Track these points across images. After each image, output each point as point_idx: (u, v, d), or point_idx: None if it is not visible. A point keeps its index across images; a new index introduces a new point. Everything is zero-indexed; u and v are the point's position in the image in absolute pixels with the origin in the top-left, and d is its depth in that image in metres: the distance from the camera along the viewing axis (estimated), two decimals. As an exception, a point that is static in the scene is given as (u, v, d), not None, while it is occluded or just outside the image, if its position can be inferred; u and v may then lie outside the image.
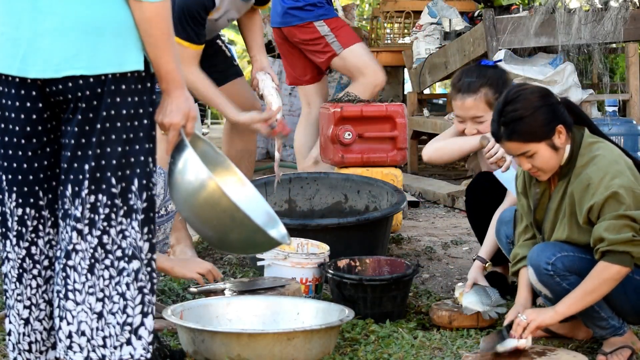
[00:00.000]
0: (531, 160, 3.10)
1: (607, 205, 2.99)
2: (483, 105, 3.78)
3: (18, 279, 2.53)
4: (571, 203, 3.10)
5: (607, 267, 2.99)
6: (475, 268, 3.68)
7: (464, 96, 3.79)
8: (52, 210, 2.53)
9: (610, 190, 2.98)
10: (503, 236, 3.60)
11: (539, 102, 3.08)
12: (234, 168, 2.72)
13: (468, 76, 3.82)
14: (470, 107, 3.79)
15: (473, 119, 3.81)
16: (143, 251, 2.46)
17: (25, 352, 2.55)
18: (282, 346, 3.05)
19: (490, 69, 3.87)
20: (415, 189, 6.92)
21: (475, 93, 3.78)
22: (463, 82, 3.81)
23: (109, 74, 2.39)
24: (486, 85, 3.78)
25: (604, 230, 2.98)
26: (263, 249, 3.14)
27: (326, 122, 5.40)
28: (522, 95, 3.09)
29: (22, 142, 2.47)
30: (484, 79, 3.79)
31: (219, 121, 17.48)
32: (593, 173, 3.04)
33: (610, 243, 2.97)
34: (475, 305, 3.51)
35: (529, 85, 3.19)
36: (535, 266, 3.12)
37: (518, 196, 3.33)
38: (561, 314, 3.05)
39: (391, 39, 9.18)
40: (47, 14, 2.38)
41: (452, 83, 3.91)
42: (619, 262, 2.98)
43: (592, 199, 3.01)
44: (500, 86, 3.78)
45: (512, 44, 6.70)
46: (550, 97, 3.13)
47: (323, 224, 4.33)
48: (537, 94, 3.11)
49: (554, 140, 3.08)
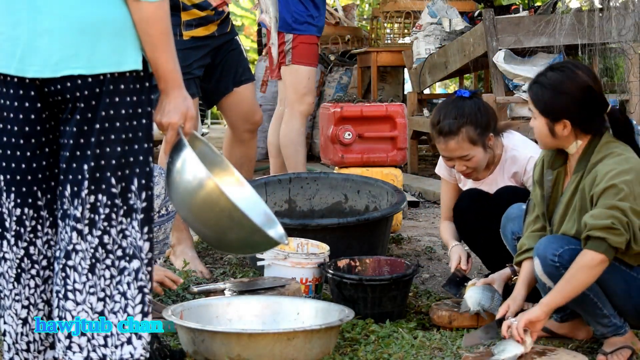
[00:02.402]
0: None
1: (603, 195, 2.99)
2: (467, 144, 3.75)
3: (16, 279, 2.53)
4: (582, 198, 3.11)
5: (584, 254, 2.98)
6: (501, 272, 3.68)
7: (447, 139, 3.75)
8: (51, 211, 2.53)
9: (610, 182, 2.99)
10: (509, 232, 3.60)
11: (580, 93, 3.10)
12: (232, 168, 2.71)
13: (446, 117, 3.75)
14: (455, 149, 3.76)
15: (460, 158, 3.80)
16: (143, 251, 2.46)
17: (24, 351, 2.55)
18: (282, 346, 3.04)
19: (466, 101, 3.79)
20: (415, 189, 6.92)
21: (457, 134, 3.73)
22: (442, 125, 3.75)
23: (107, 73, 2.39)
24: (466, 124, 3.72)
25: (590, 217, 2.98)
26: (261, 249, 3.14)
27: (326, 122, 5.41)
28: (574, 72, 3.11)
29: (20, 142, 2.47)
30: (463, 119, 3.73)
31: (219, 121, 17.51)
32: (601, 167, 3.06)
33: (590, 228, 2.97)
34: (473, 303, 3.51)
35: (584, 66, 3.19)
36: (542, 257, 3.11)
37: (533, 185, 3.34)
38: (545, 304, 3.03)
39: (391, 39, 9.19)
40: (45, 14, 2.37)
41: (431, 122, 3.85)
42: (594, 248, 2.96)
43: (593, 189, 3.03)
44: (480, 118, 3.75)
45: (512, 44, 6.70)
46: (592, 91, 3.12)
47: (323, 224, 4.32)
48: (586, 83, 3.11)
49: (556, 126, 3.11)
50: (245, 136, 4.72)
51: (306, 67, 5.71)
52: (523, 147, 3.85)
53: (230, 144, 4.77)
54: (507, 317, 3.16)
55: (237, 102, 4.62)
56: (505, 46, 6.67)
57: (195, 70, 4.40)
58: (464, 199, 3.94)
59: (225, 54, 4.54)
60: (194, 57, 4.37)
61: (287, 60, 5.68)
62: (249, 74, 4.68)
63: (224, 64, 4.50)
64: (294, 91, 5.69)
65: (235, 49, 4.61)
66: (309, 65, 5.73)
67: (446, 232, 4.03)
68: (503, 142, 3.89)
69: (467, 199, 3.92)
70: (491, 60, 6.67)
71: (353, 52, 9.37)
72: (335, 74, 9.28)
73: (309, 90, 5.76)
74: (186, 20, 4.33)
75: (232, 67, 4.58)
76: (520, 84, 6.54)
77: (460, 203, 3.95)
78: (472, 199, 3.89)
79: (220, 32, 4.49)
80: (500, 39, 6.68)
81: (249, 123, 4.69)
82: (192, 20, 4.35)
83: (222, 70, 4.53)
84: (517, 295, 3.24)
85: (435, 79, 7.87)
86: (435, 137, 3.81)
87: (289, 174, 5.05)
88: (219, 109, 4.74)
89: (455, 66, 7.35)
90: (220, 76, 4.55)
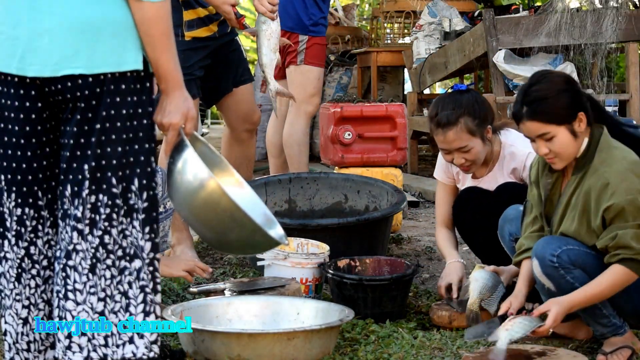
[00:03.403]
0: (549, 144, 3.09)
1: (628, 211, 3.00)
2: (465, 135, 3.75)
3: (17, 279, 2.53)
4: (585, 199, 3.10)
5: (627, 273, 3.02)
6: (510, 267, 3.67)
7: (445, 130, 3.74)
8: (51, 210, 2.53)
9: (630, 195, 2.99)
10: (506, 234, 3.60)
11: (564, 86, 3.10)
12: (232, 169, 2.72)
13: (444, 109, 3.75)
14: (453, 139, 3.76)
15: (459, 150, 3.80)
16: (145, 250, 2.46)
17: (24, 351, 2.55)
18: (282, 346, 3.04)
19: (464, 94, 3.80)
20: (415, 189, 6.92)
21: (455, 125, 3.72)
22: (440, 116, 3.74)
23: (108, 73, 2.39)
24: (464, 115, 3.72)
25: (631, 239, 2.99)
26: (261, 249, 3.14)
27: (326, 122, 5.41)
28: (548, 78, 3.12)
29: (21, 142, 2.47)
30: (460, 109, 3.73)
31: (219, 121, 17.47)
32: (612, 173, 3.04)
33: (636, 252, 3.00)
34: (474, 290, 3.50)
35: (555, 71, 3.21)
36: (541, 258, 3.11)
37: (530, 186, 3.34)
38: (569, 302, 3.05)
39: (391, 39, 9.19)
40: (45, 14, 2.37)
41: (429, 116, 3.84)
42: (636, 270, 3.02)
43: (611, 199, 3.01)
44: (478, 110, 3.75)
45: (512, 44, 6.70)
46: (575, 84, 3.16)
47: (323, 224, 4.32)
48: (563, 77, 3.15)
49: (574, 125, 3.08)
50: (243, 136, 4.72)
51: (317, 68, 5.74)
52: (521, 143, 3.84)
53: (228, 144, 4.77)
54: (509, 314, 3.17)
55: (236, 102, 4.63)
56: (505, 46, 6.68)
57: (196, 71, 4.41)
58: (464, 197, 3.93)
59: (225, 55, 4.55)
60: (195, 58, 4.37)
61: (299, 61, 5.69)
62: (249, 74, 4.68)
63: (224, 64, 4.50)
64: (303, 91, 5.70)
65: (236, 50, 4.61)
66: (319, 66, 5.75)
67: (444, 243, 3.97)
68: (501, 139, 3.90)
69: (467, 197, 3.91)
70: (491, 60, 6.67)
71: (353, 52, 9.37)
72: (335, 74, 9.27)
73: (317, 91, 5.79)
74: (188, 20, 4.33)
75: (232, 67, 4.58)
76: (520, 84, 6.54)
77: (460, 201, 3.94)
78: (471, 197, 3.89)
79: (221, 33, 4.49)
80: (500, 39, 6.68)
81: (247, 123, 4.70)
82: (193, 21, 4.35)
83: (222, 71, 4.54)
84: (519, 293, 3.24)
85: (435, 79, 7.87)
86: (433, 130, 3.81)
87: (289, 174, 5.05)
88: (218, 108, 4.75)
89: (455, 66, 7.35)
90: (221, 76, 4.56)
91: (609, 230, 3.03)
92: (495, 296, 3.55)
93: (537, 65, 6.63)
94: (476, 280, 3.55)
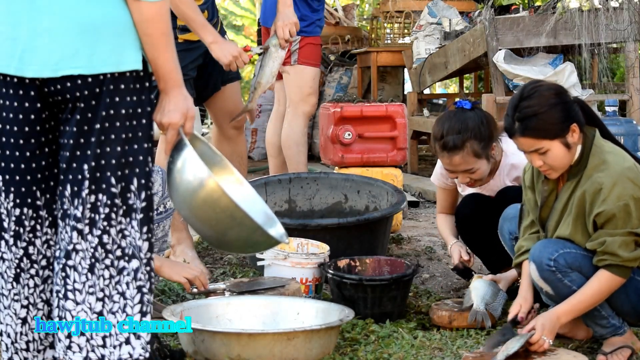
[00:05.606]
0: (543, 157, 3.09)
1: (618, 218, 3.01)
2: (471, 158, 3.75)
3: (15, 279, 2.52)
4: (580, 204, 3.10)
5: (613, 279, 3.05)
6: (507, 274, 3.69)
7: (451, 155, 3.74)
8: (50, 210, 2.53)
9: (622, 201, 3.00)
10: (506, 232, 3.61)
11: (554, 100, 3.08)
12: (232, 168, 2.72)
13: (450, 132, 3.72)
14: (459, 163, 3.76)
15: (464, 171, 3.79)
16: (142, 250, 2.46)
17: (23, 351, 2.55)
18: (282, 346, 3.04)
19: (468, 113, 3.77)
20: (415, 189, 6.91)
21: (462, 149, 3.72)
22: (446, 140, 3.72)
23: (108, 73, 2.39)
24: (471, 139, 3.72)
25: (618, 247, 3.01)
26: (262, 248, 3.14)
27: (326, 122, 5.41)
28: (538, 92, 3.09)
29: (20, 143, 2.46)
30: (467, 133, 3.71)
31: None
32: (605, 178, 3.04)
33: (624, 260, 3.02)
34: (477, 296, 3.52)
35: (544, 82, 3.19)
36: (538, 262, 3.12)
37: (525, 190, 3.33)
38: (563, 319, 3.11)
39: (391, 39, 9.19)
40: (45, 13, 2.37)
41: (433, 137, 3.81)
42: (623, 275, 3.05)
43: (602, 206, 3.02)
44: (484, 131, 3.74)
45: (512, 44, 6.70)
46: (565, 95, 3.13)
47: (323, 224, 4.32)
48: (553, 91, 3.11)
49: (567, 138, 3.08)
50: (231, 133, 4.72)
51: (312, 68, 5.72)
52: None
53: (218, 142, 4.77)
54: (519, 316, 3.17)
55: (223, 99, 4.65)
56: (505, 46, 6.67)
57: (191, 72, 4.44)
58: (467, 206, 3.93)
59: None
60: (188, 58, 4.40)
61: (293, 61, 5.68)
62: (236, 72, 4.69)
63: (214, 62, 4.51)
64: (299, 91, 5.69)
65: None
66: (314, 66, 5.74)
67: (445, 228, 4.04)
68: (502, 146, 3.89)
69: (470, 205, 3.91)
70: (491, 60, 6.67)
71: (353, 52, 9.37)
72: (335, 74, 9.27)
73: (314, 91, 5.77)
74: (181, 24, 4.36)
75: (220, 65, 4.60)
76: (520, 84, 6.54)
77: (463, 209, 3.94)
78: (474, 205, 3.89)
79: None
80: (500, 39, 6.67)
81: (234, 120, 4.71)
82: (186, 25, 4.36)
83: (211, 69, 4.55)
84: (527, 294, 3.24)
85: (435, 79, 7.87)
86: (438, 152, 3.78)
87: (289, 174, 5.05)
88: (206, 106, 4.76)
89: (455, 66, 7.34)
90: (210, 74, 4.58)
91: (598, 235, 3.05)
92: (498, 302, 3.56)
93: (537, 65, 6.63)
94: (477, 288, 3.56)
